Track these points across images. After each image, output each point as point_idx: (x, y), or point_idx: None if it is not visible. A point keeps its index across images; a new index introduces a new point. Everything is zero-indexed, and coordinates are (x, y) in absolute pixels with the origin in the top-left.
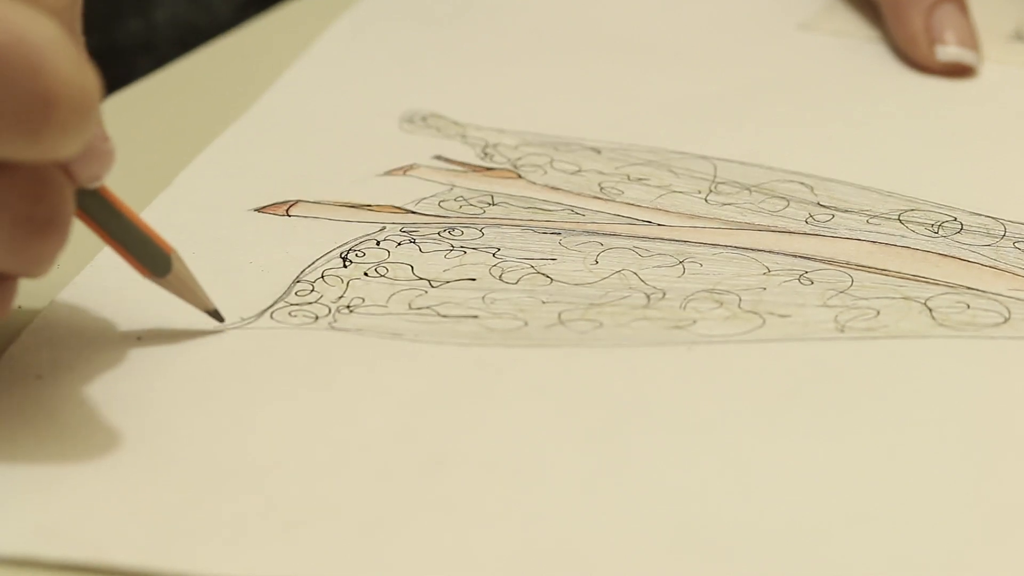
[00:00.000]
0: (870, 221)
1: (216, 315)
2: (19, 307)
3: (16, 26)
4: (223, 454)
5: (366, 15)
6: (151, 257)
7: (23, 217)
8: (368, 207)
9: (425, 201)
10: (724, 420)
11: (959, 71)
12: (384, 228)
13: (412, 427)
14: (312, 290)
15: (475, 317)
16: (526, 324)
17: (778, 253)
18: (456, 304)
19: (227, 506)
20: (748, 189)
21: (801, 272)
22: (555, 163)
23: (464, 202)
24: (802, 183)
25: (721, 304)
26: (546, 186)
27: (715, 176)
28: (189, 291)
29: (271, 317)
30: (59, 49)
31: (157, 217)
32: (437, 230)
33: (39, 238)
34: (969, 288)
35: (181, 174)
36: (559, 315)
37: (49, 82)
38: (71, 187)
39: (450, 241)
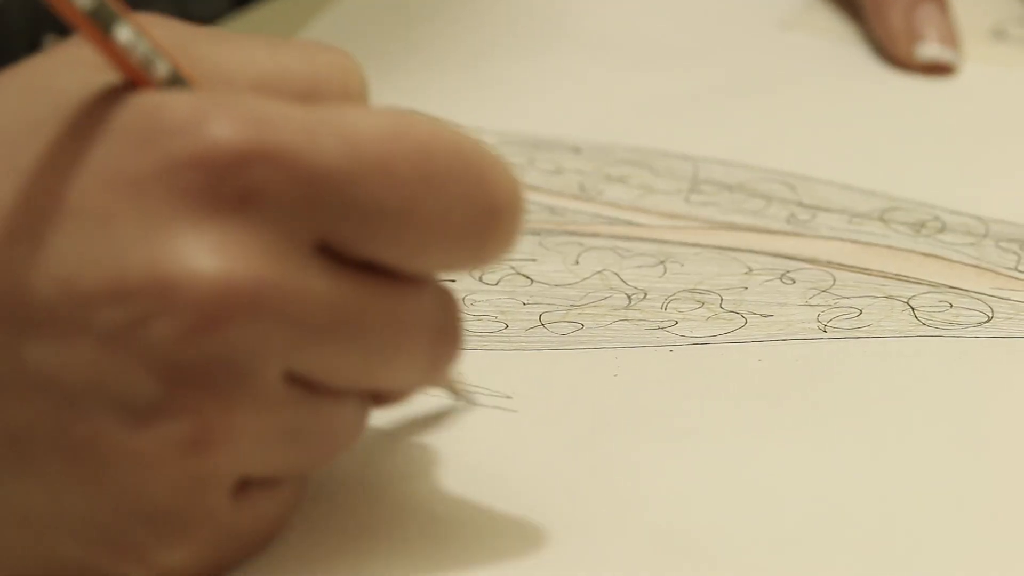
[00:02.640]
0: (852, 220)
1: (467, 397)
2: None
3: (450, 137)
4: None
5: (343, 15)
6: None
7: (440, 331)
8: None
9: None
10: (706, 421)
11: (939, 69)
12: None
13: (390, 432)
14: None
15: None
16: (507, 327)
17: (760, 253)
18: None
19: None
20: (729, 188)
21: (783, 271)
22: (535, 163)
23: None
24: (783, 182)
25: (703, 304)
26: (526, 186)
27: (696, 175)
28: (456, 389)
29: None
30: (488, 154)
31: None
32: None
33: (452, 350)
34: (952, 287)
35: None
36: (540, 317)
37: (493, 189)
38: None
39: None
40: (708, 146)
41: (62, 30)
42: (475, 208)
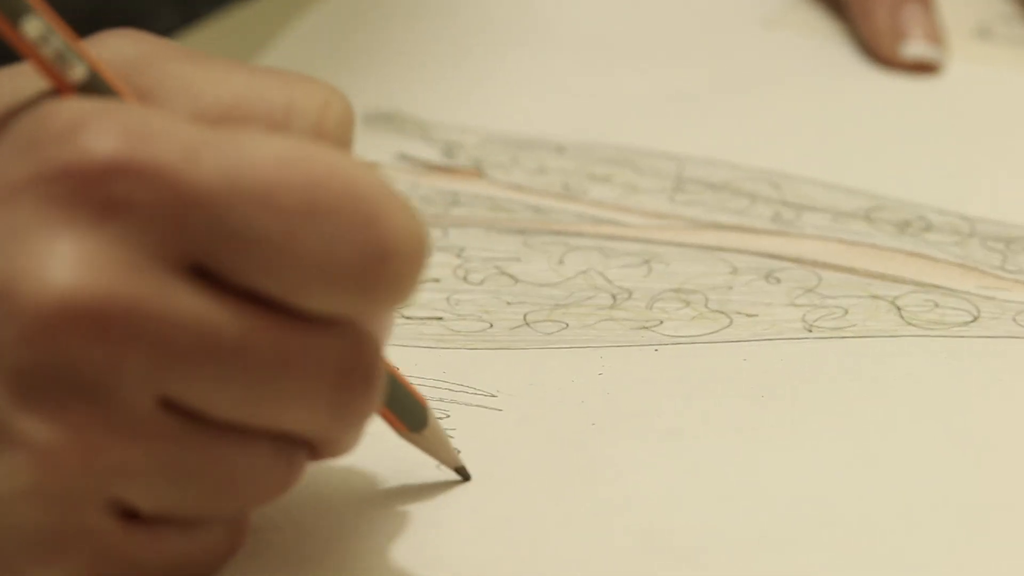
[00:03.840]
0: (837, 219)
1: (463, 472)
2: None
3: (347, 173)
4: None
5: (326, 15)
6: (409, 412)
7: (344, 374)
8: None
9: None
10: (691, 421)
11: (924, 68)
12: None
13: (375, 432)
14: None
15: (439, 319)
16: (491, 326)
17: (745, 252)
18: (420, 305)
19: None
20: (713, 188)
21: (768, 271)
22: (519, 162)
23: (427, 202)
24: (768, 181)
25: (688, 304)
26: (510, 185)
27: (680, 175)
28: (441, 446)
29: None
30: (389, 196)
31: None
32: None
33: (361, 396)
34: (937, 286)
35: None
36: (524, 316)
37: (385, 232)
38: (381, 340)
39: None
40: (692, 145)
41: None
42: (362, 249)
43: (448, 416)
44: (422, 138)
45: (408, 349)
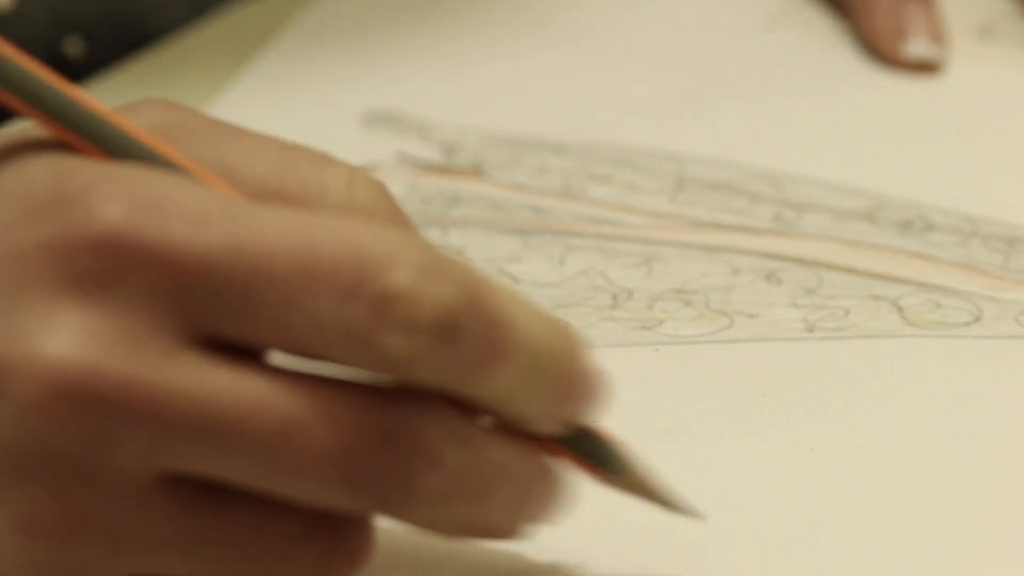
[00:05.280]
0: (838, 219)
1: (692, 511)
2: None
3: (348, 237)
4: None
5: (326, 14)
6: (599, 455)
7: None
8: None
9: None
10: (691, 421)
11: (926, 67)
12: None
13: None
14: None
15: None
16: None
17: (746, 252)
18: None
19: None
20: (714, 188)
21: (769, 271)
22: (520, 162)
23: (427, 202)
24: (769, 181)
25: (688, 304)
26: (510, 185)
27: (681, 175)
28: (649, 488)
29: None
30: (398, 248)
31: None
32: None
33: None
34: (939, 286)
35: None
36: None
37: (382, 286)
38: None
39: None
40: (693, 145)
41: (83, 33)
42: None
43: None
44: (422, 138)
45: None
